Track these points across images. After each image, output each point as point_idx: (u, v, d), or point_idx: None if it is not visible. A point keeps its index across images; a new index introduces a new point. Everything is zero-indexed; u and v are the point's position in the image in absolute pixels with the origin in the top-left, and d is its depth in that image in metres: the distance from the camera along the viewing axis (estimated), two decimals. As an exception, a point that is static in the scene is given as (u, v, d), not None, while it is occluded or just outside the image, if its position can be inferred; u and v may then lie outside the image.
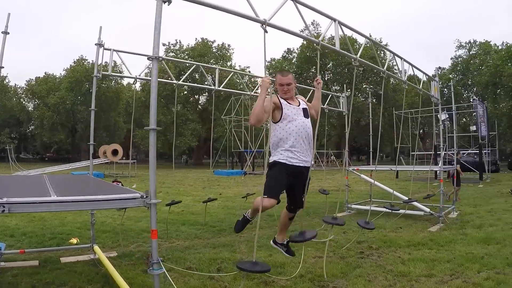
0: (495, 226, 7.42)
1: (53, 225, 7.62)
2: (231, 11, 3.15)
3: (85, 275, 4.53)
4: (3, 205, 2.23)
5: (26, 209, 2.47)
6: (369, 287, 4.11)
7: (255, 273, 3.35)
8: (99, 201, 2.70)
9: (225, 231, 7.36)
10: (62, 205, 2.56)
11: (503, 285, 4.08)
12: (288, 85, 3.79)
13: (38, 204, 2.45)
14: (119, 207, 2.86)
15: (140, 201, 2.79)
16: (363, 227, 4.64)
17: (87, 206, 2.70)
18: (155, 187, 2.78)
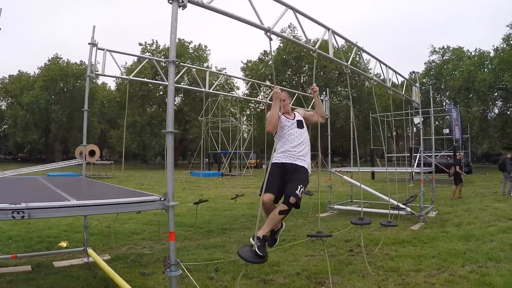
0: (473, 224, 7.84)
1: (38, 228, 7.46)
2: (240, 18, 3.30)
3: (82, 279, 4.50)
4: (22, 210, 2.20)
5: (47, 214, 2.44)
6: (364, 282, 4.32)
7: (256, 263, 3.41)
8: (120, 204, 2.75)
9: (213, 232, 7.45)
10: (83, 209, 2.59)
11: (486, 277, 4.40)
12: (283, 101, 4.09)
13: (59, 209, 2.44)
14: (139, 210, 2.89)
15: (159, 203, 2.85)
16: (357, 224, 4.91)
17: (109, 210, 2.71)
18: (172, 190, 2.86)
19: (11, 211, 2.08)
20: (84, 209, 2.56)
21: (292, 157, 3.93)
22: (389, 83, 6.78)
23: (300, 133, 4.08)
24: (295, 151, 3.95)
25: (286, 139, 4.01)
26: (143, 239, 6.78)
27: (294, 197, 3.65)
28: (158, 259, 5.35)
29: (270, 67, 47.61)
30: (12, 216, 2.08)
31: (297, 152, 3.95)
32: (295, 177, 3.82)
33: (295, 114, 4.28)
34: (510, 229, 7.31)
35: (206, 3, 3.05)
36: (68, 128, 51.58)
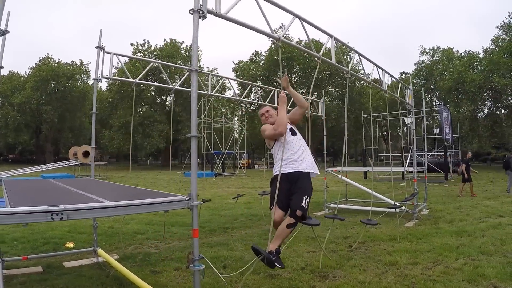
0: (465, 221, 8.17)
1: (41, 229, 7.52)
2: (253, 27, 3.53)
3: (95, 278, 4.64)
4: (61, 212, 2.34)
5: (84, 215, 2.59)
6: (365, 275, 4.58)
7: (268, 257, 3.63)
8: (150, 204, 2.92)
9: (215, 231, 7.65)
10: (116, 210, 2.74)
11: (479, 268, 4.71)
12: (267, 112, 4.34)
13: (95, 210, 2.60)
14: (166, 209, 3.08)
15: (184, 203, 3.04)
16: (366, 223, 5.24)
17: (140, 210, 2.88)
18: (196, 191, 3.06)
19: (51, 213, 2.26)
20: (117, 210, 2.73)
21: (293, 164, 4.03)
22: (385, 87, 7.07)
23: (296, 139, 4.18)
24: (295, 157, 4.07)
25: (285, 148, 4.05)
26: (147, 238, 6.95)
27: (300, 210, 3.80)
28: (166, 257, 5.55)
29: (261, 68, 47.92)
30: (51, 218, 2.26)
31: (297, 157, 4.07)
32: (298, 187, 3.92)
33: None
34: (501, 225, 7.63)
35: (224, 14, 3.27)
36: (59, 129, 51.34)
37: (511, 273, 4.57)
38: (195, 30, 2.95)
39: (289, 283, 4.35)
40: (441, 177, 21.68)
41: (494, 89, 33.21)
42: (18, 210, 2.18)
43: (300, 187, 3.91)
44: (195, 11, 2.97)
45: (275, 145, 4.21)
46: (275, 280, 4.49)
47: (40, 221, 2.29)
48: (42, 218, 2.25)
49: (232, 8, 3.36)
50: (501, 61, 29.69)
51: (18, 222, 2.19)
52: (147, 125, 44.28)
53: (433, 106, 43.43)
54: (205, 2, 3.02)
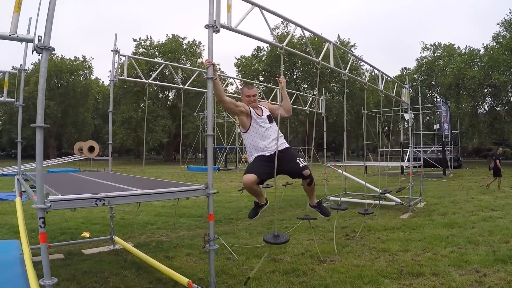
0: (458, 214, 8.62)
1: (56, 221, 7.97)
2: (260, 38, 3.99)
3: (114, 263, 5.08)
4: (103, 199, 2.77)
5: (121, 201, 3.00)
6: (359, 260, 5.07)
7: (279, 244, 4.03)
8: (175, 192, 3.39)
9: (221, 221, 8.12)
10: (149, 197, 3.17)
11: (465, 256, 5.17)
12: (254, 96, 4.36)
13: (130, 197, 3.02)
14: (188, 197, 3.55)
15: (202, 191, 3.51)
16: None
17: (166, 197, 3.35)
18: (212, 181, 3.53)
19: (95, 199, 2.71)
20: (149, 197, 3.18)
21: (272, 148, 4.22)
22: (381, 87, 7.50)
23: (272, 127, 4.35)
24: (272, 143, 4.25)
25: (260, 135, 4.25)
26: (158, 228, 7.43)
27: (305, 169, 4.20)
28: (177, 244, 6.02)
29: (263, 63, 48.28)
30: (95, 203, 2.71)
31: (274, 143, 4.25)
32: (288, 159, 4.23)
33: (262, 109, 4.48)
34: (491, 218, 8.04)
35: (234, 28, 3.71)
36: (62, 124, 51.81)
37: (494, 260, 5.00)
38: (210, 43, 3.39)
39: (290, 266, 4.82)
40: (439, 172, 22.10)
41: (494, 85, 33.46)
42: (69, 197, 2.63)
43: (290, 158, 4.26)
44: (210, 26, 3.41)
45: (249, 130, 4.31)
46: (277, 263, 4.97)
47: (86, 207, 2.76)
48: (88, 203, 2.70)
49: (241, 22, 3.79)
50: (501, 58, 29.88)
51: (69, 207, 2.64)
52: (150, 120, 44.68)
53: (434, 101, 43.73)
54: (218, 18, 3.46)
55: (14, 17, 2.59)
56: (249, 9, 3.98)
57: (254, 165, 4.17)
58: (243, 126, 4.35)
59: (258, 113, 4.37)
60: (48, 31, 2.56)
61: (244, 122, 4.31)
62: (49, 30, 2.57)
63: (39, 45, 2.54)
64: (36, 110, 2.46)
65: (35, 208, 2.52)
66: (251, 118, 4.29)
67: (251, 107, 4.34)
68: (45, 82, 2.57)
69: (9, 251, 5.69)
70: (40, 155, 2.51)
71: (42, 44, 2.54)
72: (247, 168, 4.17)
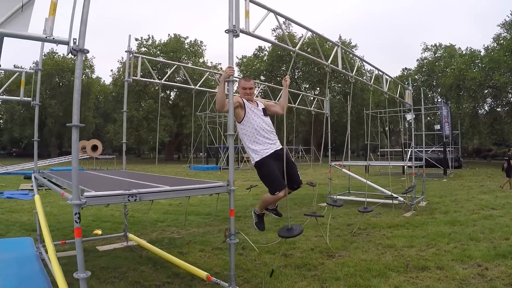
0: (459, 212, 8.83)
1: (66, 219, 8.15)
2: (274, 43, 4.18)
3: (130, 259, 5.27)
4: (135, 195, 2.95)
5: (151, 197, 3.18)
6: (366, 255, 5.28)
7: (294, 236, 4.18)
8: (200, 189, 3.61)
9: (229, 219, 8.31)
10: (176, 193, 3.36)
11: (467, 251, 5.38)
12: (250, 89, 4.38)
13: (159, 193, 3.20)
14: (211, 193, 3.77)
15: (224, 188, 3.72)
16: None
17: (192, 193, 3.55)
18: (233, 179, 3.73)
19: (127, 195, 2.90)
20: (176, 193, 3.38)
21: (275, 142, 4.34)
22: (385, 88, 7.71)
23: (269, 120, 4.42)
24: (271, 139, 4.33)
25: (259, 127, 4.29)
26: (168, 226, 7.62)
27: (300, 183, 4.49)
28: (190, 241, 6.22)
29: (265, 63, 48.49)
30: (128, 199, 2.90)
31: (269, 138, 4.34)
32: (291, 164, 4.38)
33: (258, 102, 4.50)
34: (492, 216, 8.24)
35: (252, 32, 3.92)
36: (63, 123, 51.92)
37: (495, 255, 5.21)
38: (230, 48, 3.58)
39: (301, 260, 5.03)
40: (440, 172, 22.30)
41: (494, 86, 33.62)
42: (103, 193, 2.82)
43: (292, 165, 4.40)
44: (230, 31, 3.61)
45: (244, 121, 4.31)
46: (289, 258, 5.17)
47: (118, 202, 2.94)
48: (120, 199, 2.89)
49: (258, 27, 4.00)
50: (501, 59, 30.02)
51: (103, 203, 2.83)
52: (152, 119, 44.90)
53: (435, 102, 43.93)
54: (238, 23, 3.65)
55: (49, 20, 2.74)
56: (265, 14, 4.19)
57: (274, 177, 4.13)
58: (238, 117, 4.31)
59: (253, 104, 4.40)
60: (82, 34, 2.73)
61: (238, 113, 4.28)
62: (83, 33, 2.74)
63: (75, 48, 2.70)
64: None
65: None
66: (245, 108, 4.28)
67: (246, 99, 4.36)
68: (80, 83, 2.73)
69: (24, 248, 5.86)
70: (76, 153, 2.69)
71: (77, 47, 2.71)
72: (271, 181, 4.17)
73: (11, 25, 2.62)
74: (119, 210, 9.19)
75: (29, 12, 2.70)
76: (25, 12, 2.68)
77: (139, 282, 4.29)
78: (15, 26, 2.63)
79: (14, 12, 2.63)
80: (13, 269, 4.74)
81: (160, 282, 4.30)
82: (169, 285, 4.22)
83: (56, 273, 3.56)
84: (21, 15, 2.66)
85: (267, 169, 4.20)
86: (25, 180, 17.40)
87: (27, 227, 7.46)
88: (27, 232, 7.03)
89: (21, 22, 2.65)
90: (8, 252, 5.46)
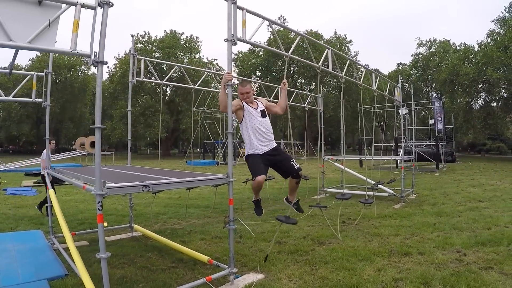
0: (446, 204, 9.30)
1: (72, 213, 8.55)
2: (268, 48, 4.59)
3: (137, 247, 5.70)
4: (148, 186, 3.35)
5: (163, 188, 3.56)
6: (354, 242, 5.74)
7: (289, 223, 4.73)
8: (204, 180, 4.06)
9: (226, 211, 8.71)
10: (183, 184, 3.80)
11: (449, 239, 5.84)
12: (247, 93, 4.72)
13: (169, 184, 3.59)
14: (213, 184, 4.21)
15: (224, 180, 4.14)
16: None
17: (198, 184, 4.07)
18: (232, 171, 4.16)
19: (141, 186, 3.32)
20: (183, 184, 3.83)
21: (267, 144, 4.68)
22: (375, 86, 8.13)
23: (265, 121, 4.74)
24: (266, 138, 4.69)
25: (254, 128, 4.63)
26: (169, 217, 8.05)
27: (298, 170, 4.80)
28: (191, 231, 6.66)
29: (260, 58, 48.89)
30: (142, 190, 3.31)
31: (266, 139, 4.72)
32: (283, 157, 4.83)
33: (258, 103, 4.84)
34: (477, 208, 8.68)
35: (248, 40, 4.33)
36: (60, 120, 52.17)
37: (475, 242, 5.65)
38: (229, 55, 4.00)
39: (294, 247, 5.48)
40: (433, 166, 22.77)
41: (488, 82, 34.06)
42: (121, 185, 3.24)
43: (284, 158, 4.84)
44: (229, 40, 4.02)
45: (244, 122, 4.68)
46: (282, 245, 5.62)
47: (134, 192, 3.35)
48: (136, 190, 3.31)
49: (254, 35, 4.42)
50: (495, 55, 30.33)
51: (122, 193, 3.25)
52: (148, 115, 45.15)
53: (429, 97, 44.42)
54: (236, 32, 4.06)
55: (73, 36, 3.15)
56: (260, 22, 4.60)
57: (257, 166, 4.58)
58: (238, 118, 4.76)
59: (253, 106, 4.73)
60: (101, 48, 3.13)
61: (239, 115, 4.70)
62: (102, 47, 3.14)
63: (96, 60, 3.11)
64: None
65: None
66: (244, 110, 4.67)
67: (246, 102, 4.72)
68: (101, 90, 3.14)
69: (36, 239, 6.29)
70: (99, 151, 3.11)
71: (98, 59, 3.12)
72: (253, 169, 4.60)
73: (40, 40, 3.02)
74: (121, 204, 9.61)
75: (55, 28, 3.10)
76: (51, 29, 3.07)
77: (147, 267, 4.72)
78: (44, 42, 3.03)
79: (42, 29, 3.03)
80: (29, 258, 5.16)
81: (166, 267, 4.74)
82: (174, 269, 4.65)
83: (74, 257, 3.95)
84: (48, 32, 3.06)
85: (252, 161, 4.66)
86: (26, 177, 17.75)
87: (35, 221, 7.86)
88: (35, 225, 7.42)
89: (48, 38, 3.05)
90: (21, 244, 5.89)
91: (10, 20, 2.96)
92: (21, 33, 2.99)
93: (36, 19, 3.04)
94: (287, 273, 4.44)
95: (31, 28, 2.99)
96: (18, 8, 3.04)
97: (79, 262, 3.81)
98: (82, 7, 3.17)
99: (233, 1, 4.05)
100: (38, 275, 4.41)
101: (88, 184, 3.50)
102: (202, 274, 4.36)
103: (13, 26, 2.97)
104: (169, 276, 4.38)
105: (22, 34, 3.00)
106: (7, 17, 2.95)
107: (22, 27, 3.01)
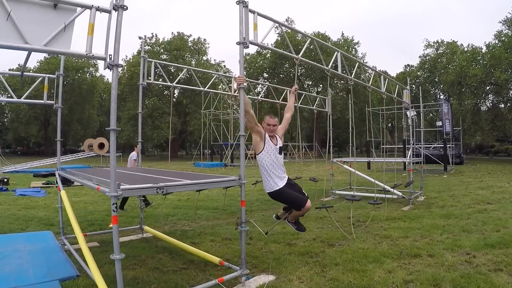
0: (455, 206, 9.25)
1: (81, 214, 8.58)
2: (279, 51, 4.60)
3: (148, 248, 5.75)
4: (163, 188, 3.41)
5: (176, 189, 3.63)
6: (364, 244, 5.75)
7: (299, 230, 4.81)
8: (217, 182, 4.11)
9: (236, 213, 8.76)
10: (196, 186, 3.82)
11: (458, 241, 5.82)
12: (274, 125, 4.69)
13: (183, 186, 3.66)
14: (225, 186, 4.24)
15: (237, 182, 4.19)
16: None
17: (211, 186, 4.10)
18: (244, 173, 4.19)
19: (156, 188, 3.36)
20: (198, 186, 3.86)
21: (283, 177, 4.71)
22: (383, 89, 8.13)
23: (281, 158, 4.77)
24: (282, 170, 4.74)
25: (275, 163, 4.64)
26: (179, 219, 8.10)
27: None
28: (201, 232, 6.70)
29: (268, 60, 48.89)
30: (156, 191, 3.36)
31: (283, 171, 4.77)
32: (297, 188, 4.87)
33: (277, 138, 4.80)
34: (486, 211, 8.63)
35: (260, 43, 4.37)
36: (67, 121, 52.51)
37: (484, 245, 5.64)
38: (241, 58, 4.04)
39: (304, 249, 5.50)
40: (441, 168, 22.61)
41: (496, 83, 33.78)
42: (136, 186, 3.29)
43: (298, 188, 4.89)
44: (241, 43, 4.06)
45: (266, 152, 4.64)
46: (292, 247, 5.64)
47: (149, 194, 3.38)
48: (151, 191, 3.36)
49: (265, 38, 4.45)
50: (503, 56, 30.11)
51: (136, 195, 3.28)
52: (156, 117, 45.33)
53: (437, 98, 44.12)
54: (247, 36, 4.10)
55: (88, 39, 3.21)
56: (271, 25, 4.64)
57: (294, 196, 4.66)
58: (256, 147, 4.66)
59: (273, 141, 4.70)
60: (116, 51, 3.18)
61: (258, 143, 4.62)
62: (117, 50, 3.19)
63: (110, 63, 3.16)
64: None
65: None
66: (265, 142, 4.61)
67: (269, 134, 4.69)
68: (116, 93, 3.20)
69: (46, 240, 6.33)
70: (114, 152, 3.16)
71: (113, 62, 3.17)
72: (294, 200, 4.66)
73: (56, 43, 3.08)
74: (130, 205, 9.67)
75: (70, 31, 3.15)
76: (67, 32, 3.13)
77: (158, 268, 4.76)
78: (59, 44, 3.09)
79: (58, 33, 3.08)
80: (40, 259, 5.20)
81: (177, 268, 4.77)
82: (185, 270, 4.69)
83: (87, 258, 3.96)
84: (63, 35, 3.11)
85: (286, 194, 4.65)
86: (34, 178, 17.89)
87: (45, 221, 7.91)
88: (45, 226, 7.47)
89: (64, 41, 3.10)
90: (32, 244, 5.94)
91: (26, 23, 3.02)
92: (37, 36, 3.05)
93: (52, 22, 3.09)
94: (297, 275, 4.46)
95: (47, 31, 3.05)
96: (34, 12, 3.09)
97: (92, 263, 3.83)
98: (97, 11, 3.22)
99: (245, 5, 4.08)
100: (50, 275, 4.45)
101: (102, 186, 3.54)
102: (213, 276, 4.39)
103: (29, 29, 3.02)
104: (181, 277, 4.41)
105: (38, 37, 3.05)
106: (23, 21, 3.01)
107: (38, 30, 3.07)
